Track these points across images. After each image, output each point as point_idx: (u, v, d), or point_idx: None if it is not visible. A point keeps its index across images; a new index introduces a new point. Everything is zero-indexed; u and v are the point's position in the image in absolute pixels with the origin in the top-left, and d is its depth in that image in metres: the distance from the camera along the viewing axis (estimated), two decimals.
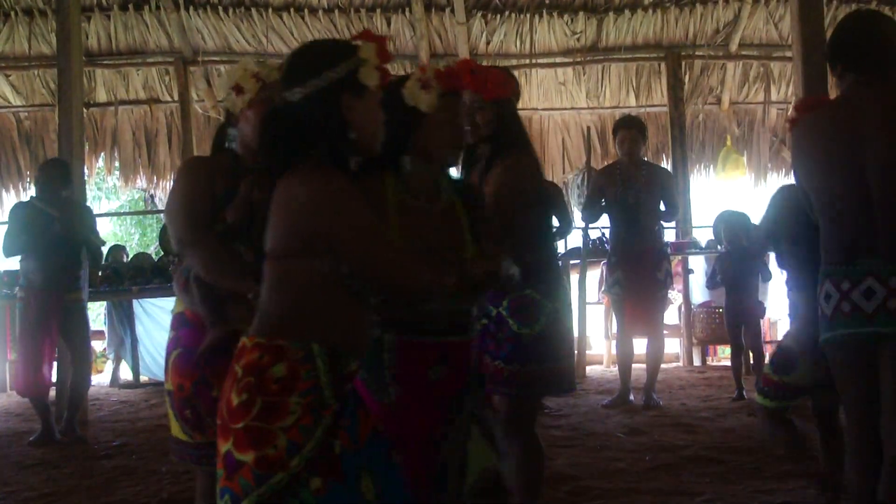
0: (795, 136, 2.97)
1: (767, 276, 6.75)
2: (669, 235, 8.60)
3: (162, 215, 13.91)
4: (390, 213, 2.50)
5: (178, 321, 2.96)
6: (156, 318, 8.95)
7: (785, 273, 3.82)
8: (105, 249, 7.62)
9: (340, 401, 2.06)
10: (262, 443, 1.97)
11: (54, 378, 6.40)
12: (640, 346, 6.67)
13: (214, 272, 2.73)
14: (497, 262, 2.47)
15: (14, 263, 7.01)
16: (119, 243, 11.56)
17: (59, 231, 5.86)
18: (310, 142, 2.11)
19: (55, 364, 6.34)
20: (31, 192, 9.40)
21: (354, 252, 2.08)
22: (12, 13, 8.90)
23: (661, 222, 6.56)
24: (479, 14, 9.11)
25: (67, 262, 5.99)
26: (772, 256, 4.01)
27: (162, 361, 9.82)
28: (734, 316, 6.76)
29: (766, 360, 4.24)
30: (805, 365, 3.52)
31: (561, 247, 6.94)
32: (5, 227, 6.17)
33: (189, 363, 2.83)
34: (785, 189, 3.80)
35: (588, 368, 8.15)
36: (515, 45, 9.20)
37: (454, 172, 3.04)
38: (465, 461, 2.55)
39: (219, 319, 2.75)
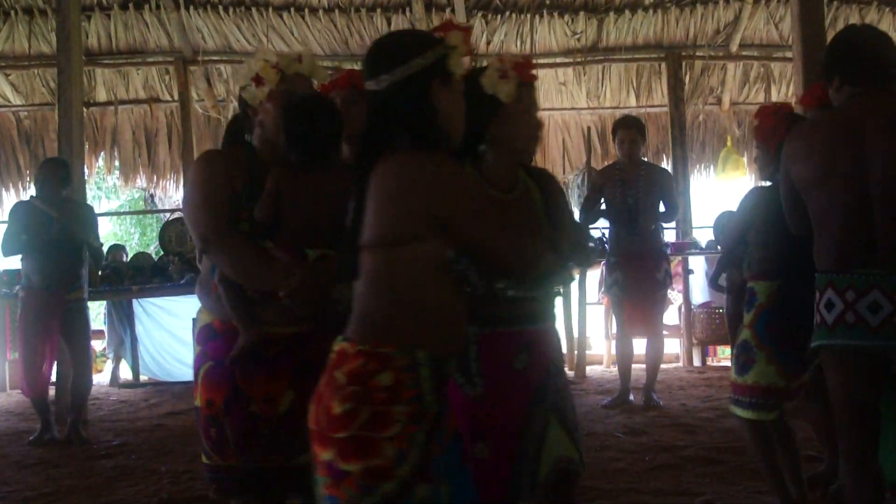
0: (792, 142, 2.96)
1: None
2: (669, 236, 8.61)
3: (162, 215, 13.93)
4: None
5: (206, 334, 2.77)
6: (155, 317, 8.95)
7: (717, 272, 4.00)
8: (103, 250, 7.60)
9: (440, 406, 2.04)
10: (368, 453, 1.94)
11: (54, 377, 6.39)
12: (639, 346, 6.67)
13: (245, 271, 2.61)
14: (580, 237, 2.57)
15: (13, 263, 7.02)
16: (119, 243, 11.55)
17: (57, 231, 5.85)
18: (396, 130, 2.08)
19: (55, 364, 6.33)
20: (32, 191, 9.42)
21: (471, 231, 2.05)
22: (12, 12, 8.89)
23: (661, 223, 6.56)
24: (480, 14, 9.11)
25: (68, 262, 5.98)
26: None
27: (162, 361, 9.85)
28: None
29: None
30: (762, 362, 3.55)
31: None
32: (5, 226, 6.16)
33: (221, 376, 2.66)
34: (756, 191, 3.83)
35: (588, 368, 8.15)
36: (516, 45, 9.20)
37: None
38: (540, 451, 2.56)
39: (251, 323, 2.62)
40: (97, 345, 9.19)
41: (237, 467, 2.64)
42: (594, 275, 8.77)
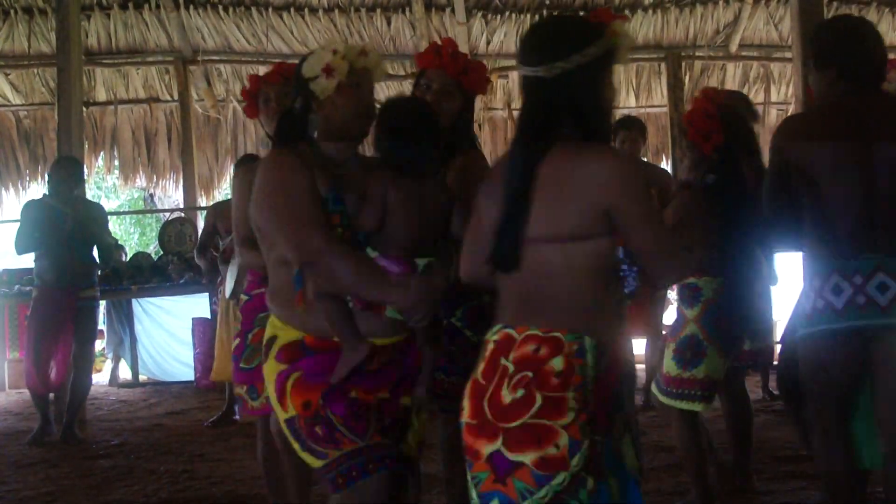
0: (798, 129, 3.01)
1: (773, 279, 6.73)
2: None
3: (161, 215, 13.91)
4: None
5: (294, 352, 2.49)
6: (155, 317, 8.95)
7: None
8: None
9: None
10: (543, 441, 1.88)
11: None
12: (639, 346, 6.66)
13: (358, 284, 2.41)
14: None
15: (16, 262, 7.02)
16: (118, 242, 11.55)
17: (70, 229, 5.87)
18: (562, 119, 2.01)
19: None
20: (31, 191, 9.43)
21: (643, 229, 1.99)
22: (12, 11, 8.88)
23: None
24: (480, 14, 9.10)
25: (81, 260, 6.00)
26: (775, 258, 4.01)
27: (161, 361, 9.84)
28: None
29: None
30: (714, 356, 3.60)
31: None
32: (16, 224, 6.16)
33: (314, 379, 2.45)
34: (689, 195, 3.82)
35: None
36: (515, 45, 9.17)
37: None
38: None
39: (360, 338, 2.45)
40: (96, 344, 9.19)
41: (354, 450, 2.44)
42: None
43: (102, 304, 9.02)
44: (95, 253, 6.21)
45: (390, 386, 2.53)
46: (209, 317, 7.50)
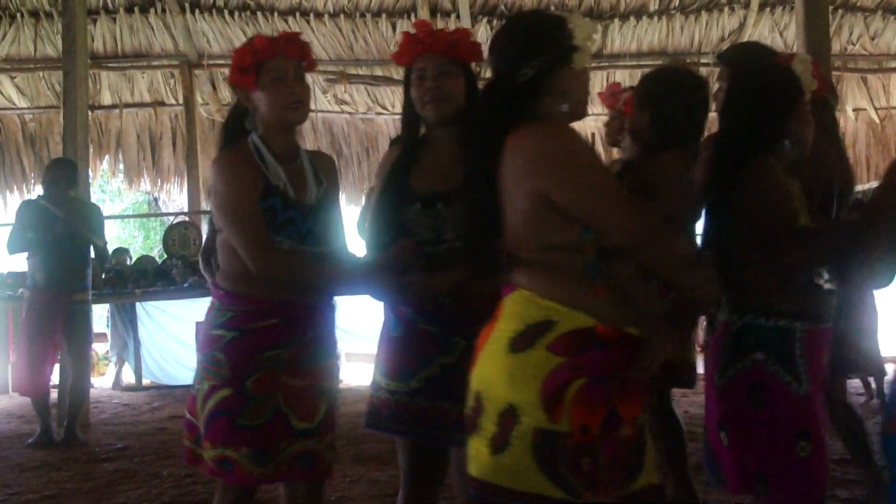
0: None
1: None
2: None
3: (166, 219, 13.91)
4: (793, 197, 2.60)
5: (578, 342, 2.07)
6: (158, 320, 8.95)
7: None
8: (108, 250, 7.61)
9: None
10: None
11: (55, 379, 6.38)
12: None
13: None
14: None
15: (18, 265, 7.02)
16: (122, 246, 11.56)
17: (62, 230, 5.86)
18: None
19: (56, 366, 6.32)
20: (36, 193, 9.43)
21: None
22: (18, 15, 8.92)
23: None
24: (485, 20, 9.11)
25: (73, 262, 5.98)
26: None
27: (164, 364, 9.82)
28: None
29: None
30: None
31: None
32: (10, 226, 6.17)
33: (600, 396, 2.07)
34: None
35: None
36: None
37: None
38: None
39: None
40: (100, 348, 9.20)
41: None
42: None
43: (106, 307, 9.06)
44: (93, 254, 6.19)
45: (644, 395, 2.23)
46: None
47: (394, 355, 2.66)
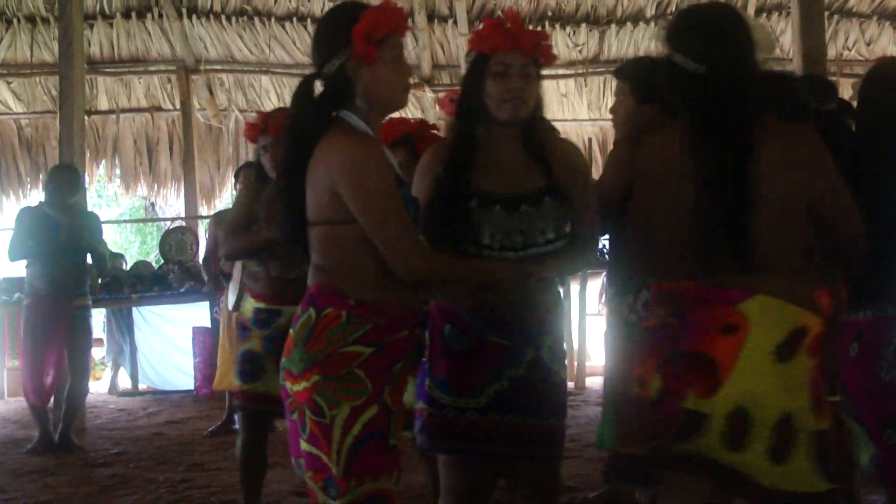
0: None
1: None
2: None
3: (163, 224, 13.91)
4: None
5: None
6: (155, 326, 8.93)
7: None
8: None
9: None
10: None
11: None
12: None
13: None
14: None
15: (13, 271, 7.00)
16: (118, 251, 11.55)
17: (65, 237, 5.85)
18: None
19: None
20: (32, 198, 9.42)
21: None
22: (15, 20, 8.91)
23: None
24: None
25: (74, 269, 5.98)
26: None
27: (161, 369, 9.77)
28: None
29: None
30: None
31: None
32: (10, 231, 6.15)
33: (659, 344, 2.29)
34: None
35: (588, 380, 8.12)
36: None
37: None
38: None
39: None
40: (96, 353, 9.17)
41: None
42: (595, 286, 8.76)
43: (103, 312, 9.05)
44: (89, 260, 6.18)
45: None
46: (209, 326, 7.49)
47: (460, 370, 2.48)
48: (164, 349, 8.94)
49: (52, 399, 6.16)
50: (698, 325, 2.17)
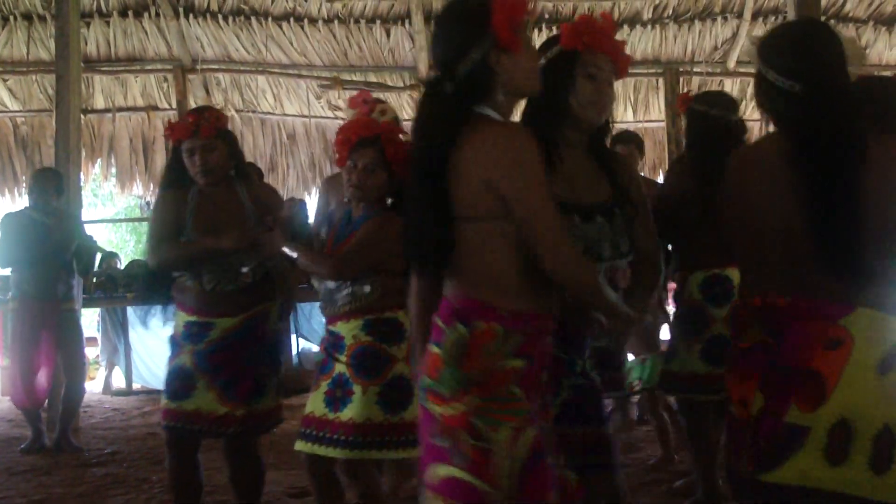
0: None
1: None
2: None
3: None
4: None
5: None
6: (150, 325, 8.91)
7: None
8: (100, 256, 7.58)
9: None
10: None
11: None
12: None
13: None
14: None
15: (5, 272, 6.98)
16: (113, 250, 11.53)
17: (56, 240, 5.84)
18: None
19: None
20: (26, 196, 9.39)
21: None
22: (11, 18, 8.88)
23: None
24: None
25: (61, 272, 5.97)
26: None
27: (155, 369, 9.80)
28: None
29: None
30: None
31: None
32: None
33: (758, 361, 2.33)
34: None
35: None
36: None
37: None
38: None
39: None
40: (90, 352, 9.15)
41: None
42: None
43: (97, 311, 9.03)
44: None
45: None
46: None
47: None
48: (159, 348, 8.89)
49: (45, 402, 6.15)
50: (799, 341, 2.18)
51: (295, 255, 3.38)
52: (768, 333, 2.23)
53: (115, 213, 17.48)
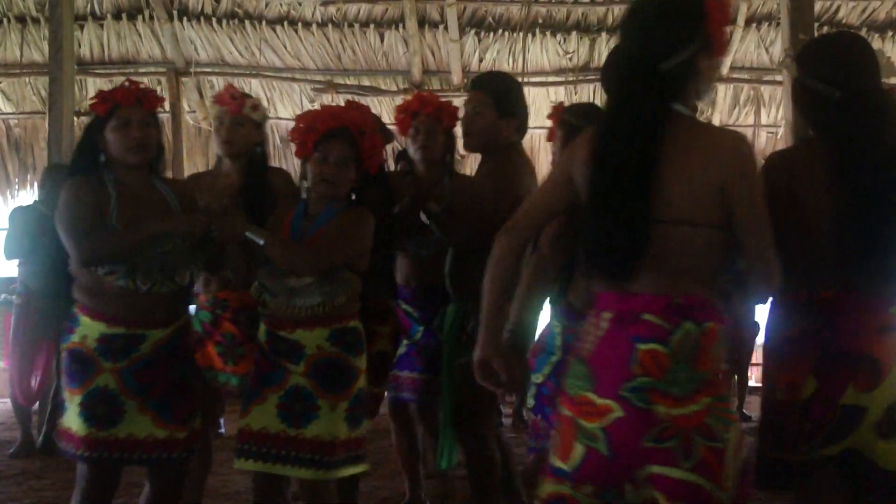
0: None
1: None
2: None
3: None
4: None
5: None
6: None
7: None
8: None
9: None
10: None
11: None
12: None
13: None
14: None
15: (2, 271, 6.96)
16: None
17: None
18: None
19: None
20: (20, 199, 9.38)
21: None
22: (5, 20, 8.88)
23: None
24: (473, 31, 9.13)
25: (66, 269, 5.95)
26: None
27: None
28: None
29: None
30: None
31: None
32: (3, 231, 6.11)
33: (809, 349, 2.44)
34: None
35: None
36: (508, 63, 9.22)
37: None
38: None
39: None
40: None
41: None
42: None
43: None
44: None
45: None
46: None
47: None
48: None
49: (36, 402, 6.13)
50: (853, 328, 2.36)
51: (261, 241, 3.06)
52: (817, 323, 2.39)
53: None
